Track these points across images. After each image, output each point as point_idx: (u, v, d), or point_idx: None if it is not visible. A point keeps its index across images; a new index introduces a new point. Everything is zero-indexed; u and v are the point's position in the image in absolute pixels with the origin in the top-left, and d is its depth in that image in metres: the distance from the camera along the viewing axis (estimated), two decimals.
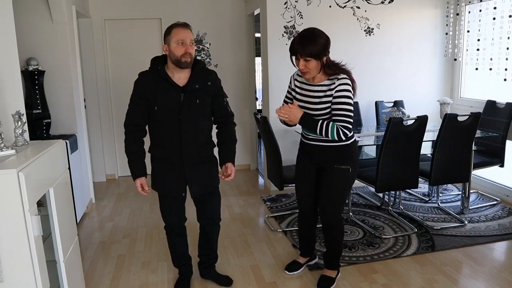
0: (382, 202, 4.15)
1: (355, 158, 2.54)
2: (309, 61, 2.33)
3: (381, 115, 4.42)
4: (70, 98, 3.99)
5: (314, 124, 2.36)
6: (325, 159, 2.54)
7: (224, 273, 2.85)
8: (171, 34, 2.26)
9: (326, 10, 4.43)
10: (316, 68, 2.36)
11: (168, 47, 2.28)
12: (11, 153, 1.92)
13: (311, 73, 2.39)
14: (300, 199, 2.75)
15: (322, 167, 2.59)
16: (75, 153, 3.87)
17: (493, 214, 3.80)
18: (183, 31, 2.27)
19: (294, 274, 2.86)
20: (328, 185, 2.55)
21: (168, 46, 2.27)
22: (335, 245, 2.69)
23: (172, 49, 2.26)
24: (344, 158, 2.50)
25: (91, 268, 3.05)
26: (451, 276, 2.78)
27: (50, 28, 3.82)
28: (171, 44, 2.26)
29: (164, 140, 2.39)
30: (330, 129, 2.33)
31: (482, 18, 4.35)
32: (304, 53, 2.30)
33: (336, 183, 2.53)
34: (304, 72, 2.39)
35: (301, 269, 2.90)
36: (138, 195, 4.68)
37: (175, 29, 2.27)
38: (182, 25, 2.29)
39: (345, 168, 2.50)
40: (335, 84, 2.36)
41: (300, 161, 2.72)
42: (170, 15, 5.14)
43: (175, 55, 2.26)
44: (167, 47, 2.28)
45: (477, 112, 3.42)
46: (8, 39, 2.29)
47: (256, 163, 5.73)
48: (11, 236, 1.72)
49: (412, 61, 4.76)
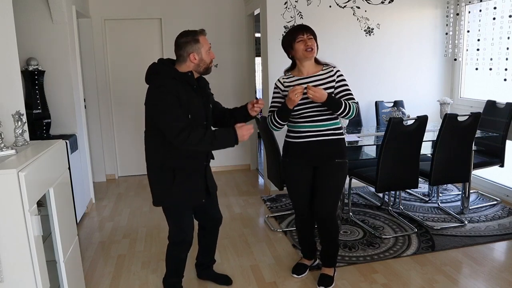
0: (382, 202, 4.15)
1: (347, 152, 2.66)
2: (311, 39, 2.51)
3: (381, 115, 4.42)
4: (70, 98, 3.99)
5: (339, 103, 2.46)
6: (323, 155, 2.57)
7: (224, 273, 2.84)
8: (201, 42, 2.25)
9: (326, 10, 4.43)
10: (316, 50, 2.55)
11: (197, 55, 2.24)
12: (11, 153, 1.92)
13: (314, 52, 2.53)
14: (297, 202, 2.73)
15: (319, 164, 2.60)
16: (75, 153, 3.87)
17: (493, 214, 3.80)
18: (206, 38, 2.30)
19: (303, 276, 2.84)
20: (328, 180, 2.57)
21: (198, 54, 2.24)
22: (332, 242, 2.71)
23: (204, 57, 2.27)
24: (342, 152, 2.60)
25: (91, 268, 3.05)
26: (451, 276, 2.78)
27: (50, 28, 3.82)
28: (202, 52, 2.25)
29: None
30: (352, 107, 2.48)
31: (482, 18, 4.35)
32: (309, 31, 2.53)
33: (336, 177, 2.59)
34: (309, 50, 2.50)
35: (307, 271, 2.89)
36: (138, 195, 4.69)
37: (202, 37, 2.27)
38: (205, 33, 2.31)
39: (343, 161, 2.59)
40: (333, 71, 2.55)
41: (292, 164, 2.67)
42: (170, 15, 5.15)
43: (206, 63, 2.28)
44: (195, 55, 2.24)
45: (477, 112, 3.42)
46: (8, 39, 2.29)
47: (256, 163, 5.73)
48: (11, 236, 1.72)
49: (412, 61, 4.76)
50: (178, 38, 2.27)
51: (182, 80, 2.23)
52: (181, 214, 2.40)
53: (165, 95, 2.16)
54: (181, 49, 2.25)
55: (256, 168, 5.70)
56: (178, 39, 2.26)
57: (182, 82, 2.23)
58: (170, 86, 2.18)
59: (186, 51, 2.24)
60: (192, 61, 2.25)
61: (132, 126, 5.38)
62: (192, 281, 2.80)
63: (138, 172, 5.49)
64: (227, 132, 2.21)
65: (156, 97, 2.19)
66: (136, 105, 5.32)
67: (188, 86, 2.25)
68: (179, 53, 2.26)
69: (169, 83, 2.19)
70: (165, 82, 2.20)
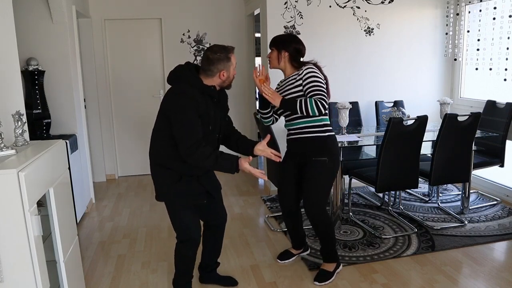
0: (382, 202, 4.15)
1: (334, 151, 2.67)
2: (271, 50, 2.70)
3: (381, 115, 4.42)
4: (70, 98, 3.99)
5: (294, 103, 2.55)
6: (304, 152, 2.68)
7: (224, 273, 2.84)
8: (232, 61, 2.29)
9: (326, 10, 4.43)
10: (275, 58, 2.69)
11: (226, 73, 2.28)
12: (11, 153, 1.92)
13: (272, 63, 2.72)
14: (282, 197, 2.88)
15: (303, 162, 2.70)
16: (75, 153, 3.87)
17: (493, 214, 3.80)
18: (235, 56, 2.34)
19: (286, 262, 2.99)
20: (309, 178, 2.67)
21: (227, 72, 2.29)
22: (327, 238, 2.76)
23: (231, 75, 2.32)
24: (322, 150, 2.64)
25: (91, 268, 3.05)
26: (451, 276, 2.78)
27: (50, 28, 3.82)
28: (230, 70, 2.30)
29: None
30: (309, 103, 2.50)
31: (482, 18, 4.35)
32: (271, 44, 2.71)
33: (316, 175, 2.65)
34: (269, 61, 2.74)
35: (293, 258, 3.04)
36: (138, 195, 4.69)
37: (233, 55, 2.30)
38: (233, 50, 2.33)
39: (323, 160, 2.63)
40: (302, 70, 2.61)
41: (283, 161, 2.79)
42: (170, 15, 5.15)
43: (230, 79, 2.34)
44: (225, 73, 2.28)
45: (477, 112, 3.42)
46: (8, 39, 2.29)
47: (256, 163, 5.73)
48: (11, 236, 1.72)
49: (412, 61, 4.76)
50: (210, 52, 2.26)
51: (204, 92, 2.25)
52: (183, 211, 2.39)
53: (185, 104, 2.18)
54: (212, 64, 2.26)
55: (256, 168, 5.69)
56: (211, 54, 2.26)
57: (203, 94, 2.24)
58: (193, 97, 2.19)
59: (217, 68, 2.26)
60: (220, 77, 2.29)
61: (132, 126, 5.38)
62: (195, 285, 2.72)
63: (138, 172, 5.49)
64: (231, 161, 2.23)
65: (175, 104, 2.21)
66: (136, 105, 5.32)
67: (209, 98, 2.28)
68: (208, 67, 2.27)
69: (191, 95, 2.20)
70: (185, 89, 2.22)
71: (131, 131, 5.39)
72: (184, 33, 5.23)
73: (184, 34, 5.23)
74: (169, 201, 2.39)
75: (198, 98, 2.20)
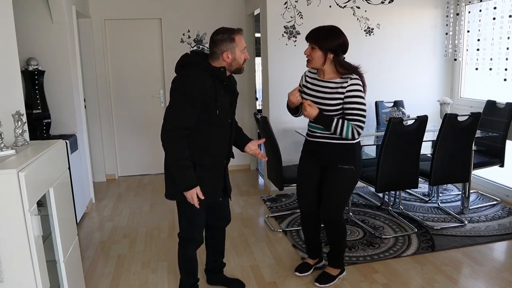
0: (382, 202, 4.15)
1: (359, 158, 2.56)
2: (314, 49, 2.44)
3: (381, 115, 4.42)
4: (70, 98, 3.98)
5: (330, 122, 2.40)
6: (329, 157, 2.55)
7: (224, 273, 2.83)
8: (236, 41, 2.20)
9: (326, 10, 4.43)
10: (319, 59, 2.44)
11: (231, 54, 2.20)
12: (11, 153, 1.92)
13: (313, 63, 2.48)
14: (302, 199, 2.75)
15: (326, 166, 2.59)
16: (75, 153, 3.87)
17: (493, 214, 3.80)
18: (243, 38, 2.25)
19: (305, 275, 2.83)
20: (331, 185, 2.56)
21: (232, 53, 2.20)
22: (337, 244, 2.70)
23: (237, 57, 2.22)
24: (349, 158, 2.51)
25: (91, 268, 3.05)
26: (451, 276, 2.78)
27: (50, 28, 3.82)
28: (236, 51, 2.20)
29: (218, 146, 2.31)
30: (346, 127, 2.38)
31: (482, 18, 4.35)
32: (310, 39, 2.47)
33: (340, 183, 2.55)
34: (307, 59, 2.50)
35: (310, 270, 2.87)
36: (138, 195, 4.68)
37: (238, 36, 2.21)
38: (242, 32, 2.26)
39: (349, 168, 2.52)
40: (347, 83, 2.41)
41: (303, 161, 2.71)
42: (170, 15, 5.15)
43: (238, 63, 2.24)
44: (229, 54, 2.19)
45: (477, 112, 3.42)
46: (8, 39, 2.29)
47: (256, 163, 5.73)
48: (11, 236, 1.72)
49: (412, 61, 4.75)
50: (214, 34, 2.22)
51: (214, 74, 2.19)
52: (196, 211, 2.30)
53: (186, 88, 2.13)
54: (215, 46, 2.20)
55: (256, 168, 5.70)
56: (214, 35, 2.22)
57: (213, 76, 2.19)
58: (198, 78, 2.13)
59: (220, 49, 2.19)
60: (224, 59, 2.21)
61: (132, 126, 5.37)
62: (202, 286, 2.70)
63: (138, 172, 5.50)
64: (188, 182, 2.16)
65: (177, 84, 2.17)
66: (136, 105, 5.32)
67: (219, 81, 2.22)
68: (213, 49, 2.22)
69: (198, 76, 2.14)
70: (196, 73, 2.15)
71: (131, 131, 5.38)
72: (184, 33, 5.23)
73: (184, 34, 5.23)
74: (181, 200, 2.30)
75: (207, 81, 2.15)
